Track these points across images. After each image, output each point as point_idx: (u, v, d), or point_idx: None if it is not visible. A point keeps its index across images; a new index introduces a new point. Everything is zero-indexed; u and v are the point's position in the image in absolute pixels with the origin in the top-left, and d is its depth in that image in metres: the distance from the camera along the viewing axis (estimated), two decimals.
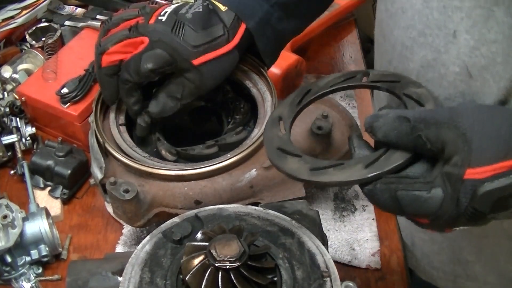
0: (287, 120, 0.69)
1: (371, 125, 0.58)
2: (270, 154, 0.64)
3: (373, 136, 0.58)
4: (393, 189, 0.55)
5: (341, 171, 0.58)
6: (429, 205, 0.53)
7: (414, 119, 0.55)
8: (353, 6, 1.29)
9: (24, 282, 0.85)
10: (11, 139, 1.01)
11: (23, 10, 1.20)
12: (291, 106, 0.70)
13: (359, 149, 0.60)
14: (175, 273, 0.61)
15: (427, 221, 0.55)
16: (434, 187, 0.53)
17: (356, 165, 0.57)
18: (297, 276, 0.61)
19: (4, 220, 0.83)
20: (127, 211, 0.78)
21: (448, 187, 0.52)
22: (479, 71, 0.63)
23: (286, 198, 0.81)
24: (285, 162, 0.62)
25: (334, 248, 0.87)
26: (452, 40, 0.64)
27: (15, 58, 1.13)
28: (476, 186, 0.51)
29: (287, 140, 0.66)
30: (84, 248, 0.91)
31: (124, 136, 0.86)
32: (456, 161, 0.52)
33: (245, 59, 0.94)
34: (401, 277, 0.86)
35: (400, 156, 0.56)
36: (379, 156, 0.57)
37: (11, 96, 1.05)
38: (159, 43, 0.79)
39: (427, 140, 0.54)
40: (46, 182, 0.97)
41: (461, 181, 0.51)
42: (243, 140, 0.85)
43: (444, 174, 0.53)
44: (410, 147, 0.56)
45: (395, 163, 0.56)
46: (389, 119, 0.56)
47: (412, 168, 0.56)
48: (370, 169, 0.56)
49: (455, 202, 0.52)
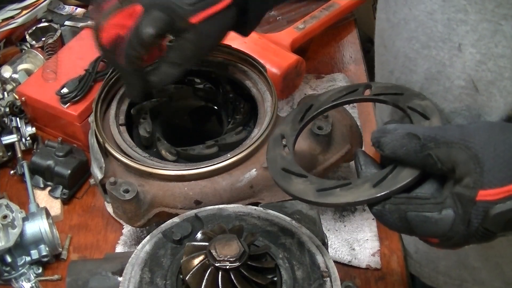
0: (290, 139, 0.67)
1: (378, 140, 0.56)
2: (274, 175, 0.63)
3: (380, 151, 0.57)
4: (403, 210, 0.54)
5: (348, 191, 0.56)
6: (440, 226, 0.53)
7: (424, 137, 0.54)
8: (353, 6, 1.29)
9: (24, 282, 0.85)
10: (11, 139, 1.01)
11: (23, 10, 1.20)
12: (293, 123, 0.69)
13: (365, 167, 0.58)
14: (175, 273, 0.61)
15: (437, 241, 0.55)
16: (444, 208, 0.52)
17: (364, 185, 0.56)
18: (297, 276, 0.61)
19: (4, 220, 0.83)
20: (127, 211, 0.78)
21: (459, 208, 0.51)
22: (486, 85, 0.62)
23: (286, 198, 0.81)
24: (290, 183, 0.60)
25: (334, 248, 0.87)
26: (457, 54, 0.63)
27: (15, 58, 1.13)
28: (488, 208, 0.50)
29: (291, 160, 0.64)
30: (84, 248, 0.91)
31: (124, 136, 0.86)
32: (468, 183, 0.51)
33: (245, 59, 0.94)
34: (401, 277, 0.86)
35: (409, 174, 0.55)
36: (386, 174, 0.56)
37: (11, 96, 1.05)
38: (154, 6, 0.75)
39: (438, 159, 0.53)
40: (46, 182, 0.97)
41: (473, 202, 0.51)
42: (243, 140, 0.85)
43: (455, 194, 0.52)
44: (419, 165, 0.55)
45: (403, 181, 0.55)
46: (398, 136, 0.55)
47: (421, 188, 0.55)
48: (378, 188, 0.55)
49: (466, 223, 0.51)
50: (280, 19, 1.28)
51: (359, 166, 0.59)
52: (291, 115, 0.71)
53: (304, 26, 1.20)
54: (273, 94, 0.88)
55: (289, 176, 0.62)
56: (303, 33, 1.19)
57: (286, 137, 0.68)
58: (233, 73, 0.94)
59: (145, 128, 0.88)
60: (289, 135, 0.68)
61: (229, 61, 0.95)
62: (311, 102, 0.70)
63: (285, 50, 1.12)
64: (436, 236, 0.54)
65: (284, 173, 0.62)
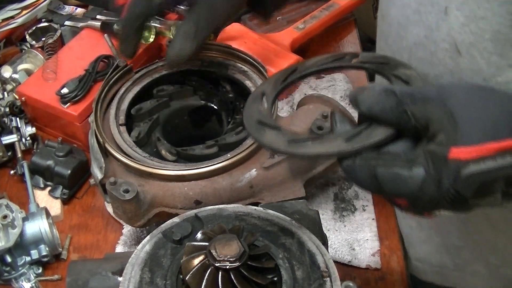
0: (270, 96, 0.67)
1: (355, 97, 0.55)
2: (249, 127, 0.63)
3: (357, 108, 0.56)
4: (373, 166, 0.52)
5: (320, 144, 0.56)
6: (409, 185, 0.51)
7: (401, 93, 0.53)
8: (353, 6, 1.29)
9: (24, 282, 0.85)
10: (11, 139, 1.01)
11: (23, 10, 1.20)
12: (275, 83, 0.69)
13: (341, 124, 0.57)
14: (175, 273, 0.61)
15: (406, 202, 0.53)
16: (415, 166, 0.50)
17: (336, 139, 0.55)
18: (297, 276, 0.61)
19: (4, 220, 0.83)
20: (127, 211, 0.78)
21: (430, 166, 0.50)
22: (467, 48, 0.63)
23: (286, 198, 0.81)
24: (263, 134, 0.60)
25: (334, 248, 0.87)
26: (443, 17, 0.64)
27: (15, 58, 1.13)
28: (460, 167, 0.48)
29: (267, 114, 0.64)
30: (84, 248, 0.91)
31: (124, 136, 0.86)
32: (441, 140, 0.50)
33: (245, 59, 0.94)
34: (401, 277, 0.86)
35: (383, 132, 0.54)
36: (360, 130, 0.55)
37: (11, 96, 1.05)
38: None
39: (412, 115, 0.52)
40: (46, 182, 0.97)
41: (444, 160, 0.49)
42: (243, 140, 0.85)
43: (427, 152, 0.50)
44: (394, 122, 0.53)
45: (376, 138, 0.54)
46: (375, 92, 0.54)
47: (394, 145, 0.54)
48: (350, 143, 0.54)
49: (436, 183, 0.50)
50: (280, 19, 1.28)
51: (334, 123, 0.58)
52: (274, 77, 0.70)
53: (304, 26, 1.20)
54: None
55: (263, 128, 0.61)
56: (303, 33, 1.19)
57: (266, 95, 0.67)
58: (233, 73, 0.94)
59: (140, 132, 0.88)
60: (269, 93, 0.68)
61: (229, 61, 0.95)
62: (296, 66, 0.70)
63: (285, 50, 1.12)
64: (404, 195, 0.52)
65: (258, 126, 0.62)
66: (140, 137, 0.88)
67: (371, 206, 0.93)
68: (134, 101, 0.92)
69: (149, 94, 0.94)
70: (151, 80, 0.94)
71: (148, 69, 0.95)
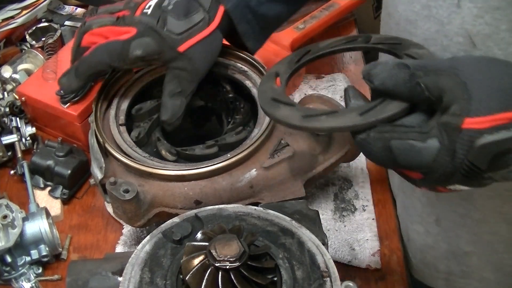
0: (284, 75, 0.68)
1: (368, 72, 0.55)
2: (263, 103, 0.64)
3: (370, 83, 0.55)
4: (387, 138, 0.52)
5: (334, 118, 0.56)
6: (423, 156, 0.51)
7: (413, 66, 0.53)
8: (353, 6, 1.29)
9: (24, 282, 0.85)
10: (11, 139, 1.01)
11: (23, 10, 1.20)
12: (289, 64, 0.69)
13: (354, 99, 0.57)
14: (175, 273, 0.61)
15: (420, 175, 0.53)
16: (430, 137, 0.50)
17: (351, 113, 0.56)
18: (297, 276, 0.61)
19: (4, 220, 0.83)
20: (127, 211, 0.78)
21: (444, 137, 0.50)
22: (483, 39, 0.62)
23: (286, 198, 0.81)
24: (277, 110, 0.61)
25: (334, 248, 0.87)
26: (456, 10, 0.63)
27: (15, 58, 1.13)
28: (474, 137, 0.49)
29: (281, 92, 0.65)
30: (84, 248, 0.91)
31: (124, 136, 0.86)
32: (455, 110, 0.50)
33: (245, 59, 0.94)
34: (401, 277, 0.86)
35: (397, 106, 0.54)
36: (374, 105, 0.55)
37: (11, 96, 1.05)
38: (147, 32, 0.81)
39: (426, 87, 0.52)
40: (46, 182, 0.97)
41: (458, 131, 0.49)
42: (243, 140, 0.85)
43: (441, 124, 0.50)
44: (407, 96, 0.53)
45: (391, 111, 0.54)
46: (388, 66, 0.54)
47: (408, 117, 0.54)
48: (365, 116, 0.54)
49: (451, 154, 0.49)
50: None
51: (348, 98, 0.58)
52: (288, 58, 0.71)
53: (304, 26, 1.20)
54: None
55: (277, 105, 0.62)
56: (303, 33, 1.19)
57: (280, 74, 0.68)
58: (233, 73, 0.94)
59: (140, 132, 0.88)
60: (283, 73, 0.68)
61: (229, 61, 0.95)
62: (309, 48, 0.71)
63: (285, 50, 1.12)
64: (419, 168, 0.52)
65: (272, 102, 0.63)
66: (140, 137, 0.88)
67: (371, 206, 0.93)
68: (134, 101, 0.92)
69: (149, 94, 0.94)
70: (151, 80, 0.94)
71: (148, 69, 0.95)
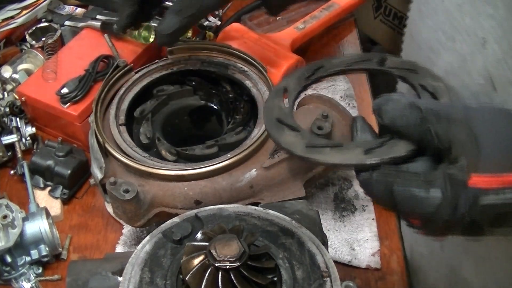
0: (293, 93, 0.64)
1: (379, 107, 0.53)
2: (267, 124, 0.61)
3: (380, 119, 0.54)
4: (390, 183, 0.51)
5: (338, 153, 0.54)
6: (425, 206, 0.50)
7: (426, 109, 0.51)
8: (353, 6, 1.29)
9: (24, 282, 0.85)
10: (11, 139, 1.01)
11: (23, 10, 1.19)
12: (299, 80, 0.66)
13: (361, 133, 0.55)
14: (175, 273, 0.61)
15: (419, 222, 0.52)
16: (433, 188, 0.49)
17: (356, 149, 0.54)
18: (297, 276, 0.61)
19: (4, 220, 0.83)
20: (127, 211, 0.78)
21: (448, 190, 0.49)
22: (504, 85, 0.60)
23: (286, 198, 0.81)
24: (281, 134, 0.58)
25: (334, 248, 0.87)
26: (480, 49, 0.61)
27: (15, 58, 1.13)
28: (478, 195, 0.47)
29: (288, 113, 0.62)
30: (84, 248, 0.91)
31: (124, 136, 0.86)
32: (462, 164, 0.48)
33: (245, 59, 0.94)
34: (401, 277, 0.86)
35: (404, 147, 0.52)
36: (381, 143, 0.54)
37: (11, 96, 1.05)
38: None
39: (436, 135, 0.50)
40: (46, 182, 0.97)
41: (463, 186, 0.48)
42: (243, 140, 0.85)
43: (447, 175, 0.49)
44: (417, 139, 0.52)
45: (397, 153, 0.52)
46: (400, 105, 0.52)
47: (414, 163, 0.52)
48: (370, 155, 0.53)
49: (453, 207, 0.48)
50: (280, 19, 1.28)
51: (355, 131, 0.56)
52: (299, 72, 0.67)
53: (304, 26, 1.20)
54: None
55: (282, 128, 0.59)
56: (303, 33, 1.19)
57: (289, 90, 0.65)
58: (233, 73, 0.94)
59: (146, 134, 0.88)
60: (292, 89, 0.65)
61: (229, 61, 0.95)
62: (322, 63, 0.67)
63: (285, 50, 1.12)
64: (419, 216, 0.51)
65: (277, 124, 0.60)
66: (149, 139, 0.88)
67: (371, 206, 0.93)
68: (134, 101, 0.92)
69: (149, 94, 0.94)
70: (151, 80, 0.94)
71: (148, 69, 0.95)
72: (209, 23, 1.17)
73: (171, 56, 0.97)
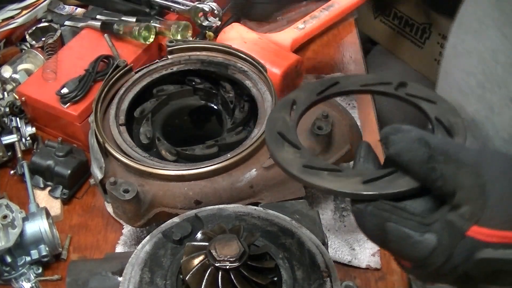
0: (301, 106, 0.61)
1: (387, 136, 0.50)
2: (268, 136, 0.57)
3: (386, 149, 0.50)
4: (384, 218, 0.48)
5: (335, 179, 0.51)
6: (417, 250, 0.47)
7: (435, 147, 0.47)
8: (353, 6, 1.29)
9: (24, 282, 0.85)
10: (11, 139, 1.01)
11: (23, 10, 1.20)
12: (311, 93, 0.62)
13: (364, 161, 0.52)
14: (175, 273, 0.61)
15: (410, 265, 0.49)
16: (429, 232, 0.46)
17: (355, 177, 0.50)
18: (297, 276, 0.61)
19: (4, 220, 0.83)
20: (127, 211, 0.78)
21: (445, 237, 0.45)
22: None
23: (286, 198, 0.81)
24: (279, 150, 0.55)
25: (334, 248, 0.87)
26: (509, 104, 0.58)
27: (15, 58, 1.13)
28: (476, 248, 0.44)
29: (291, 127, 0.58)
30: (84, 248, 0.91)
31: (124, 136, 0.86)
32: (464, 212, 0.45)
33: (245, 59, 0.94)
34: (401, 277, 0.86)
35: (406, 183, 0.49)
36: (383, 175, 0.50)
37: (11, 96, 1.05)
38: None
39: (441, 176, 0.46)
40: (46, 182, 0.97)
41: (461, 236, 0.45)
42: (243, 140, 0.85)
43: (445, 221, 0.46)
44: (420, 176, 0.48)
45: (397, 189, 0.49)
46: (409, 138, 0.48)
47: (414, 201, 0.49)
48: (368, 186, 0.49)
49: (446, 256, 0.45)
50: (280, 19, 1.28)
51: (358, 157, 0.53)
52: (312, 85, 0.63)
53: (304, 26, 1.20)
54: (273, 94, 0.88)
55: (282, 142, 0.56)
56: (303, 33, 1.19)
57: (298, 103, 0.61)
58: (233, 73, 0.94)
59: (146, 134, 0.88)
60: (301, 103, 0.61)
61: (229, 61, 0.95)
62: (338, 80, 0.63)
63: (285, 50, 1.12)
64: (410, 259, 0.48)
65: (278, 138, 0.57)
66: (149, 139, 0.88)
67: None
68: (134, 101, 0.92)
69: (149, 94, 0.94)
70: (151, 80, 0.94)
71: (148, 69, 0.95)
72: (209, 23, 1.17)
73: (171, 56, 0.97)
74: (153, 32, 1.08)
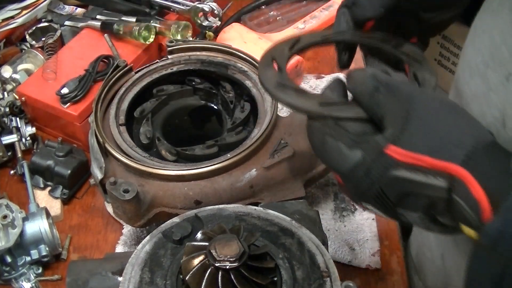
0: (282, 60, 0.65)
1: (349, 73, 0.56)
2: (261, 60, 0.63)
3: (347, 83, 0.56)
4: (325, 132, 0.54)
5: (298, 97, 0.57)
6: (343, 162, 0.52)
7: (381, 81, 0.53)
8: None
9: (24, 282, 0.85)
10: (11, 139, 1.01)
11: (23, 10, 1.20)
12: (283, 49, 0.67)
13: (330, 90, 0.58)
14: (175, 273, 0.61)
15: (340, 181, 0.55)
16: (356, 147, 0.52)
17: (314, 99, 0.57)
18: (297, 276, 0.61)
19: (4, 220, 0.83)
20: (127, 211, 0.78)
21: (368, 153, 0.51)
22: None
23: (286, 198, 0.81)
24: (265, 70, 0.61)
25: (334, 248, 0.87)
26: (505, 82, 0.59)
27: (15, 58, 1.13)
28: (390, 166, 0.49)
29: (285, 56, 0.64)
30: (84, 248, 0.91)
31: (124, 136, 0.86)
32: (387, 134, 0.51)
33: (245, 59, 0.94)
34: (401, 277, 0.86)
35: (354, 111, 0.54)
36: (338, 102, 0.56)
37: (11, 96, 1.05)
38: None
39: (376, 103, 0.52)
40: (46, 182, 0.97)
41: (380, 153, 0.50)
42: (243, 140, 0.85)
43: (371, 140, 0.51)
44: (366, 107, 0.54)
45: (343, 114, 0.54)
46: (366, 74, 0.54)
47: (355, 124, 0.54)
48: (322, 108, 0.55)
49: (366, 170, 0.51)
50: (280, 19, 1.28)
51: (326, 87, 0.58)
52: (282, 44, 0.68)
53: (304, 26, 1.20)
54: None
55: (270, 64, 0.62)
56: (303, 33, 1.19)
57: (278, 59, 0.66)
58: (233, 73, 0.94)
59: (146, 134, 0.88)
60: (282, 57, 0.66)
61: (229, 61, 0.95)
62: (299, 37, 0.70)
63: None
64: (338, 172, 0.54)
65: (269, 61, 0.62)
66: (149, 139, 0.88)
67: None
68: (134, 101, 0.92)
69: (149, 94, 0.94)
70: (151, 80, 0.94)
71: (148, 69, 0.95)
72: (209, 23, 1.17)
73: (171, 56, 0.97)
74: (153, 32, 1.08)
